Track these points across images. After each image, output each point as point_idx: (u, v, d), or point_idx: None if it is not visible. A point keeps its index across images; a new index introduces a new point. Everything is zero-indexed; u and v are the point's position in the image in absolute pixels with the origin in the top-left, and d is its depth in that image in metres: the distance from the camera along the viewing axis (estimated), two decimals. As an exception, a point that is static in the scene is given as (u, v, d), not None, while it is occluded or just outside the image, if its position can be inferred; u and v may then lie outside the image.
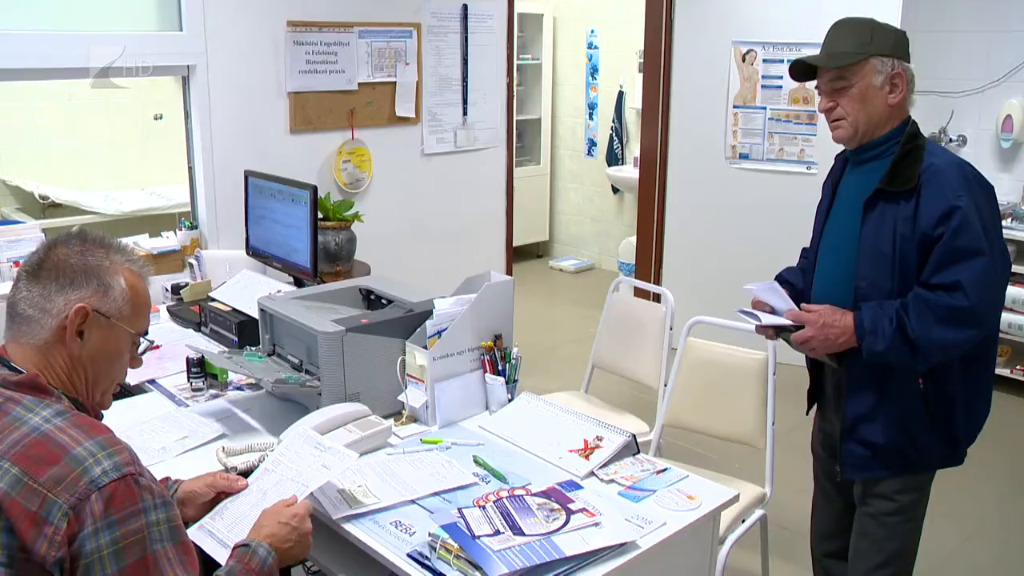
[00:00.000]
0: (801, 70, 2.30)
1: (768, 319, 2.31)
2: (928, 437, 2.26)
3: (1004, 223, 4.93)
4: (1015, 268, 4.88)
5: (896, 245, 2.16)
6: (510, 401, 2.45)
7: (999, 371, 5.02)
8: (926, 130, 5.57)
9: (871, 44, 2.18)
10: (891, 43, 2.20)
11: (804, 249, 2.59)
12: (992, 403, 2.44)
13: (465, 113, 4.56)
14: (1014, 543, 3.59)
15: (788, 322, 2.27)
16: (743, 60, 4.98)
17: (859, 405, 2.28)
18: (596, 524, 1.82)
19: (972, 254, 2.08)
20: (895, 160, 2.19)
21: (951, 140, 5.38)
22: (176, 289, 3.43)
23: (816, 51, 2.29)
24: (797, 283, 2.49)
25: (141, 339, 1.68)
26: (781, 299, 2.32)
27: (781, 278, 2.52)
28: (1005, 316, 4.90)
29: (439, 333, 2.35)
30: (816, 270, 2.41)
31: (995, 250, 2.11)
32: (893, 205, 2.17)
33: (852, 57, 2.18)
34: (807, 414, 2.64)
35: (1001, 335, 4.97)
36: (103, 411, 1.69)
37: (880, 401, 2.25)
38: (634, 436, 2.20)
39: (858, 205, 2.23)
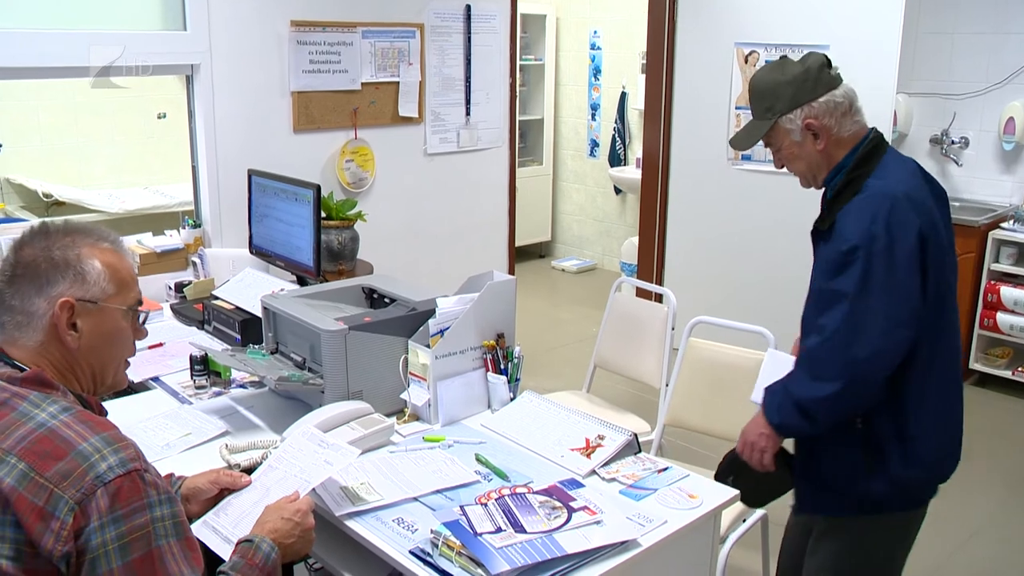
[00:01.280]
0: (738, 145, 2.32)
1: None
2: (869, 478, 2.15)
3: (1006, 225, 4.95)
4: (1016, 270, 4.90)
5: (816, 292, 2.15)
6: (512, 400, 2.46)
7: (1000, 373, 5.02)
8: (928, 132, 5.61)
9: (773, 108, 2.16)
10: (790, 96, 2.14)
11: None
12: (992, 405, 2.38)
13: (468, 113, 4.57)
14: (1016, 544, 3.60)
15: None
16: (745, 61, 4.98)
17: (806, 442, 2.26)
18: (597, 522, 1.83)
19: (839, 298, 2.02)
20: (830, 198, 2.16)
21: (953, 142, 5.39)
22: (179, 287, 3.44)
23: (820, 49, 2.26)
24: None
25: (139, 311, 1.66)
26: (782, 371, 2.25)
27: None
28: (1006, 318, 4.90)
29: (442, 332, 2.35)
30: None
31: (871, 295, 1.99)
32: (824, 246, 2.14)
33: (761, 129, 2.19)
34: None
35: (1002, 337, 4.98)
36: (121, 387, 1.70)
37: (824, 440, 2.18)
38: (635, 435, 2.21)
39: None
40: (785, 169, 2.26)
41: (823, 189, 2.25)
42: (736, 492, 2.07)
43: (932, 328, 2.07)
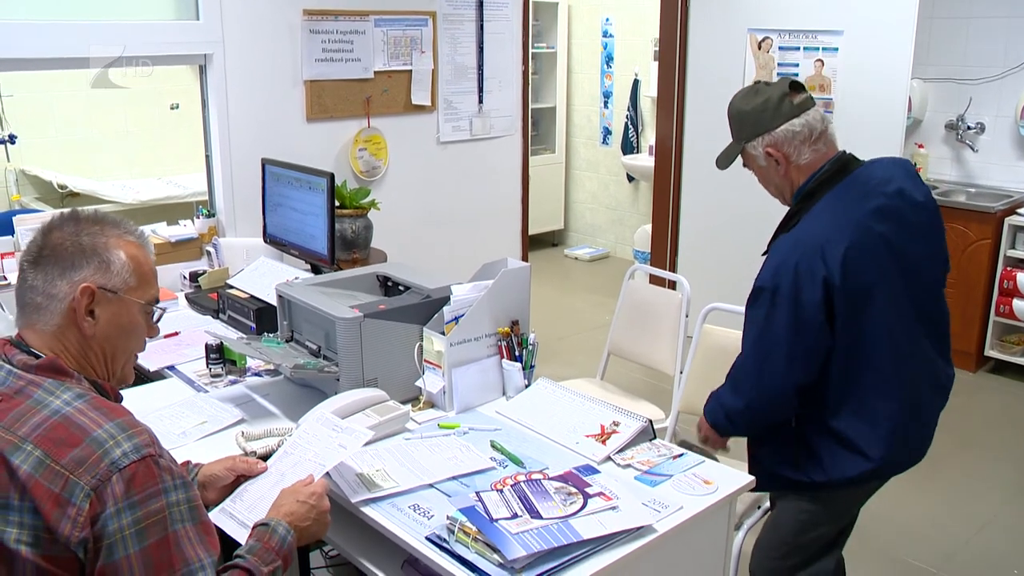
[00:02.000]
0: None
1: None
2: (806, 469, 2.29)
3: (1023, 211, 4.92)
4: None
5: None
6: (527, 387, 2.46)
7: (1016, 360, 4.99)
8: (943, 118, 5.58)
9: (740, 135, 2.34)
10: (751, 124, 2.29)
11: None
12: (1008, 392, 2.40)
13: (481, 101, 4.57)
14: (1031, 531, 3.59)
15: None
16: (759, 48, 4.96)
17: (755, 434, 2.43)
18: (613, 508, 1.83)
19: (753, 325, 2.23)
20: (778, 227, 2.33)
21: (969, 128, 5.35)
22: (194, 277, 3.45)
23: (831, 38, 2.38)
24: None
25: (155, 308, 1.68)
26: None
27: None
28: (1022, 305, 4.87)
29: (456, 319, 2.36)
30: None
31: (773, 332, 2.17)
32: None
33: (732, 153, 2.38)
34: None
35: (1018, 324, 4.95)
36: (127, 383, 1.71)
37: (765, 434, 2.37)
38: (650, 421, 2.21)
39: None
40: None
41: None
42: (752, 478, 2.07)
43: (852, 346, 2.17)
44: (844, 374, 2.20)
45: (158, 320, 1.71)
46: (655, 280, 5.15)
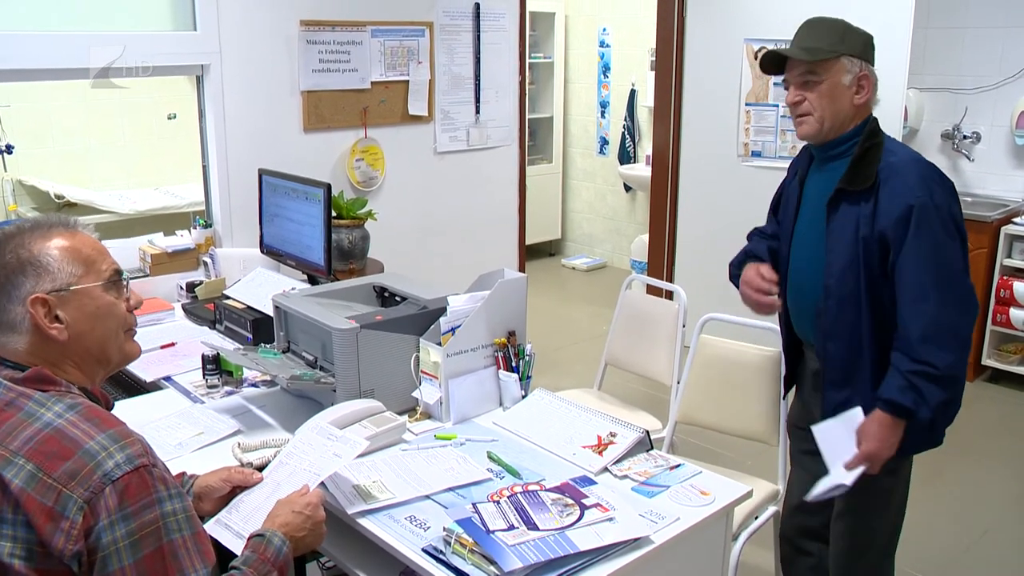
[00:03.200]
0: (771, 62, 2.33)
1: (835, 478, 2.22)
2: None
3: (1019, 220, 4.94)
4: (1030, 265, 4.88)
5: (859, 245, 2.20)
6: (524, 397, 2.46)
7: (1013, 369, 4.99)
8: (939, 127, 5.60)
9: (843, 44, 2.24)
10: (861, 45, 2.26)
11: (757, 229, 2.68)
12: (1006, 401, 2.41)
13: (477, 111, 4.57)
14: (1029, 541, 3.59)
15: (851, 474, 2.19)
16: (755, 57, 4.97)
17: (836, 395, 2.31)
18: (610, 519, 1.83)
19: (934, 249, 2.12)
20: (854, 159, 2.24)
21: (965, 137, 5.37)
22: (191, 287, 3.45)
23: None
24: (766, 259, 2.53)
25: (121, 278, 1.64)
26: (848, 436, 2.22)
27: (752, 254, 2.57)
28: (1019, 314, 4.88)
29: (453, 330, 2.35)
30: (790, 267, 2.46)
31: (955, 241, 2.15)
32: (854, 205, 2.22)
33: (825, 53, 2.23)
34: (783, 398, 2.70)
35: (1015, 333, 4.96)
36: (133, 358, 1.69)
37: (855, 391, 2.27)
38: (647, 432, 2.21)
39: (823, 205, 2.29)
40: (793, 108, 2.31)
41: (804, 150, 2.44)
42: (749, 488, 2.07)
43: None
44: None
45: (127, 287, 1.67)
46: (652, 290, 5.16)
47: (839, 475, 2.19)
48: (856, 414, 2.20)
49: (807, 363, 2.52)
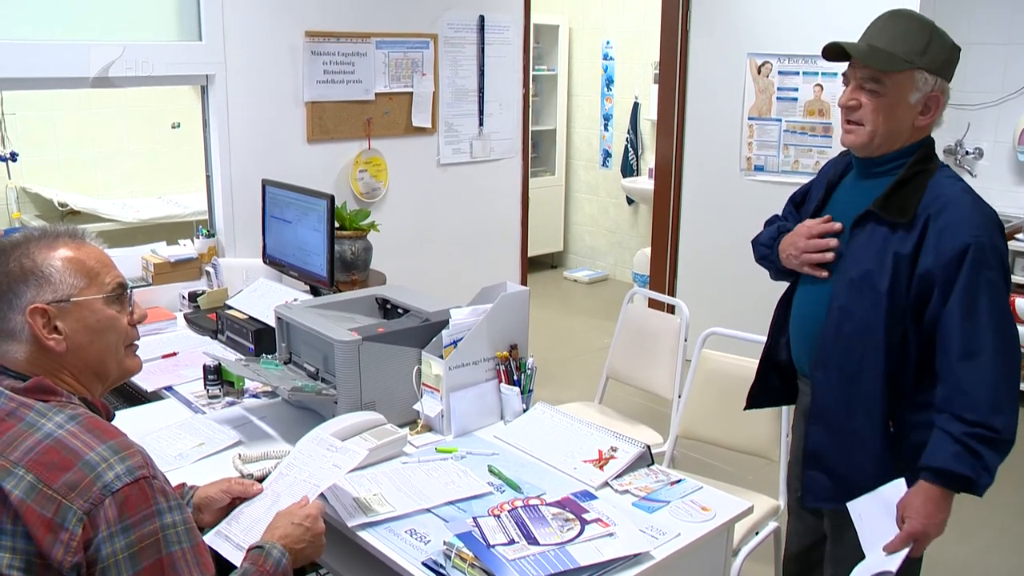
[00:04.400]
0: (835, 51, 2.06)
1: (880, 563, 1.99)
2: (893, 473, 2.05)
3: (1022, 237, 4.93)
4: (1032, 282, 4.87)
5: (886, 275, 1.99)
6: (525, 411, 2.46)
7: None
8: (942, 143, 5.58)
9: (923, 56, 1.99)
10: (942, 60, 2.02)
11: (777, 216, 2.47)
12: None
13: (481, 124, 4.58)
14: (1031, 557, 3.57)
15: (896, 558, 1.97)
16: (758, 72, 4.98)
17: (821, 434, 2.15)
18: (610, 534, 1.82)
19: (990, 296, 1.92)
20: (896, 181, 2.03)
21: (967, 153, 5.37)
22: (193, 297, 3.45)
23: (830, 63, 2.14)
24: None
25: (125, 292, 1.63)
26: (887, 514, 2.02)
27: (785, 229, 2.31)
28: (1019, 330, 4.86)
29: (455, 343, 2.35)
30: (798, 286, 2.30)
31: (1008, 287, 1.98)
32: (888, 233, 2.01)
33: (898, 64, 1.98)
34: (744, 409, 2.52)
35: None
36: (133, 373, 1.69)
37: (843, 433, 2.10)
38: (648, 447, 2.20)
39: (848, 222, 2.08)
40: (846, 111, 2.08)
41: (843, 155, 2.22)
42: (750, 504, 2.06)
43: None
44: None
45: (131, 301, 1.66)
46: (654, 304, 5.15)
47: (879, 561, 1.97)
48: (897, 486, 1.99)
49: (801, 398, 2.39)
